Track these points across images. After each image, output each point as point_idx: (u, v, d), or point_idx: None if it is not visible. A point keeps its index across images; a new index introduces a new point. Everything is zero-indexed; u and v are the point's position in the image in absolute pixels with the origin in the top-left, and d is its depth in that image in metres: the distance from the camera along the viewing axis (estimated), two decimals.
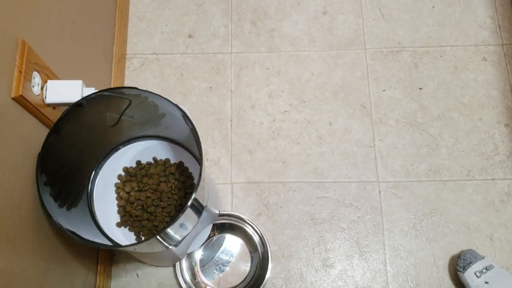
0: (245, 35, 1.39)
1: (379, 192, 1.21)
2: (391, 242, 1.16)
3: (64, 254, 0.90)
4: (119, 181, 1.02)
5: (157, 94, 0.82)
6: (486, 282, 1.05)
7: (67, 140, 0.85)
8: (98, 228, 0.95)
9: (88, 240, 0.76)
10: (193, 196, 0.76)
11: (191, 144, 1.01)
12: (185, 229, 0.92)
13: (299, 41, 1.38)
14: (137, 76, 1.32)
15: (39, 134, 0.80)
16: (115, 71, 1.25)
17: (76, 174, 0.93)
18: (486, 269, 1.07)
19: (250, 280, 1.11)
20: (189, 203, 0.77)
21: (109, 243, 0.92)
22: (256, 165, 1.24)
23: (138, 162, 1.03)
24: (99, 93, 0.82)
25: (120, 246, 0.77)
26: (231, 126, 1.29)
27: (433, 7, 1.41)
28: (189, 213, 0.86)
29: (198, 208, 0.92)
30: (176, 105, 0.82)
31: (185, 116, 0.83)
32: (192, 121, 0.83)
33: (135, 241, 0.99)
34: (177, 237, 0.92)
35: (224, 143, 1.27)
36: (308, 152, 1.25)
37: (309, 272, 1.14)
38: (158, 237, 0.80)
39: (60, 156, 0.84)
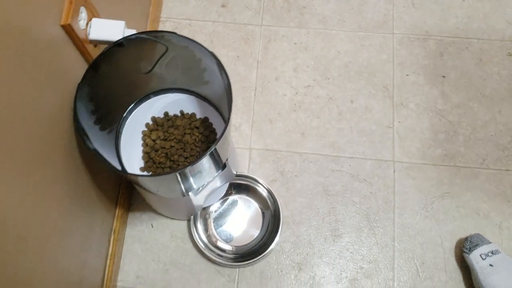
0: (277, 10, 1.42)
1: (394, 171, 1.23)
2: (401, 220, 1.19)
3: (88, 189, 0.93)
4: (146, 129, 1.05)
5: (196, 42, 0.86)
6: (491, 265, 1.07)
7: (102, 79, 0.89)
8: (123, 170, 0.98)
9: (116, 168, 0.79)
10: (216, 145, 0.79)
11: (218, 101, 1.04)
12: (203, 178, 0.96)
13: (328, 20, 1.41)
14: None
15: (79, 67, 0.84)
16: None
17: (106, 116, 0.96)
18: (492, 253, 1.09)
19: (260, 241, 1.15)
20: (212, 148, 0.80)
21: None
22: (275, 134, 1.27)
23: (166, 114, 1.07)
24: (139, 35, 0.85)
25: (145, 175, 0.81)
26: (254, 95, 1.32)
27: (464, 0, 1.43)
28: (209, 162, 0.90)
29: (218, 162, 0.95)
30: (215, 56, 0.85)
31: (221, 69, 0.86)
32: None
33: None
34: (195, 185, 0.96)
35: (246, 110, 1.30)
36: (327, 126, 1.28)
37: (317, 240, 1.17)
38: (178, 176, 0.83)
39: (95, 94, 0.88)
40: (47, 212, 0.74)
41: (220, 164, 0.99)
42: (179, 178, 0.87)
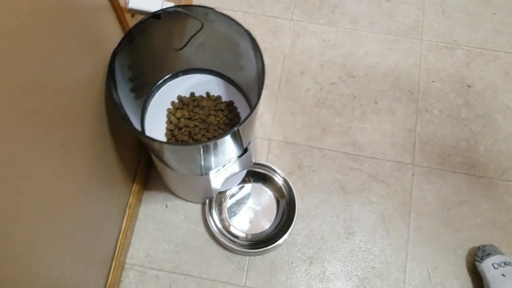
0: (308, 6, 1.43)
1: (413, 175, 1.22)
2: (416, 223, 1.18)
3: (111, 158, 0.93)
4: (171, 107, 1.05)
5: (233, 20, 0.86)
6: (503, 275, 1.05)
7: (136, 51, 0.90)
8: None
9: (145, 134, 0.79)
10: (241, 124, 0.79)
11: (246, 86, 1.04)
12: (224, 158, 0.96)
13: (359, 21, 1.41)
14: None
15: (115, 35, 0.85)
16: None
17: (135, 89, 0.97)
18: (505, 263, 1.07)
19: (273, 230, 1.14)
20: (237, 126, 0.79)
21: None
22: (296, 127, 1.27)
23: (192, 94, 1.07)
24: (177, 9, 0.86)
25: (171, 143, 0.80)
26: (278, 87, 1.32)
27: (494, 13, 1.43)
28: (232, 142, 0.90)
29: (240, 144, 0.95)
30: (251, 36, 0.85)
31: (256, 49, 0.86)
32: None
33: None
34: (215, 165, 0.95)
35: (269, 101, 1.30)
36: (349, 125, 1.28)
37: (330, 236, 1.16)
38: (201, 150, 0.83)
39: (127, 64, 0.88)
40: (71, 173, 0.74)
41: (242, 148, 0.99)
42: (201, 152, 0.86)
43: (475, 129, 1.27)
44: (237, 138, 0.90)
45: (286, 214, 1.15)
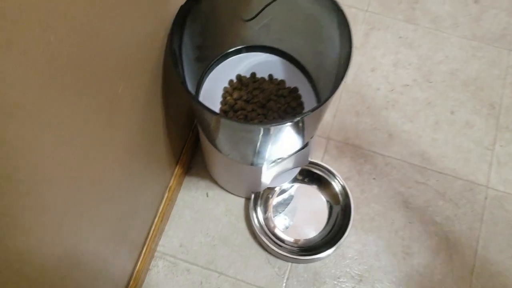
0: None
1: (485, 198, 1.08)
2: (484, 253, 1.03)
3: (159, 129, 0.83)
4: (228, 86, 0.95)
5: None
6: None
7: (202, 14, 0.80)
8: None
9: (207, 107, 0.69)
10: (308, 114, 0.68)
11: (316, 72, 0.93)
12: (281, 150, 0.85)
13: (441, 21, 1.27)
14: None
15: None
16: None
17: (194, 60, 0.87)
18: None
19: (322, 238, 1.02)
20: (304, 115, 0.68)
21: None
22: (359, 128, 1.14)
23: (253, 74, 0.96)
24: None
25: (232, 119, 0.69)
26: (344, 82, 1.19)
27: None
28: (293, 133, 0.79)
29: (301, 138, 0.84)
30: (344, 17, 0.74)
31: (346, 34, 0.74)
32: None
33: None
34: (269, 156, 0.84)
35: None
36: (420, 133, 1.14)
37: (385, 254, 1.03)
38: (261, 132, 0.72)
39: (191, 28, 0.78)
40: (115, 141, 0.64)
41: (303, 142, 0.88)
42: (260, 136, 0.75)
43: None
44: (301, 129, 0.79)
45: (338, 223, 1.02)
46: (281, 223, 1.03)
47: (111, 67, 0.55)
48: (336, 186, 1.05)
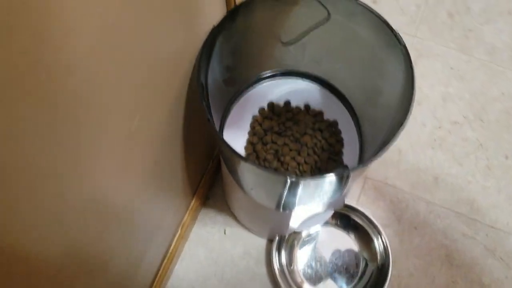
0: (437, 24, 1.17)
1: None
2: None
3: (175, 162, 0.72)
4: (258, 115, 0.83)
5: (386, 22, 0.63)
6: None
7: (237, 35, 0.68)
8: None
9: (232, 148, 0.57)
10: (357, 169, 0.56)
11: (362, 107, 0.80)
12: (312, 199, 0.72)
13: (498, 53, 1.14)
14: None
15: (217, 11, 0.64)
16: None
17: (224, 82, 0.75)
18: None
19: None
20: (350, 172, 0.56)
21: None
22: (401, 168, 1.01)
23: (287, 103, 0.84)
24: None
25: (251, 162, 0.57)
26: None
27: None
28: (332, 185, 0.66)
29: (339, 189, 0.72)
30: (406, 52, 0.62)
31: (409, 70, 0.62)
32: None
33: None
34: (298, 203, 0.72)
35: None
36: (469, 179, 1.00)
37: None
38: (287, 183, 0.60)
39: (223, 49, 0.67)
40: (130, 177, 0.53)
41: (340, 192, 0.75)
42: (286, 186, 0.63)
43: None
44: (343, 181, 0.67)
45: (373, 281, 0.89)
46: (307, 274, 0.90)
47: (126, 96, 0.44)
48: (378, 245, 0.92)
